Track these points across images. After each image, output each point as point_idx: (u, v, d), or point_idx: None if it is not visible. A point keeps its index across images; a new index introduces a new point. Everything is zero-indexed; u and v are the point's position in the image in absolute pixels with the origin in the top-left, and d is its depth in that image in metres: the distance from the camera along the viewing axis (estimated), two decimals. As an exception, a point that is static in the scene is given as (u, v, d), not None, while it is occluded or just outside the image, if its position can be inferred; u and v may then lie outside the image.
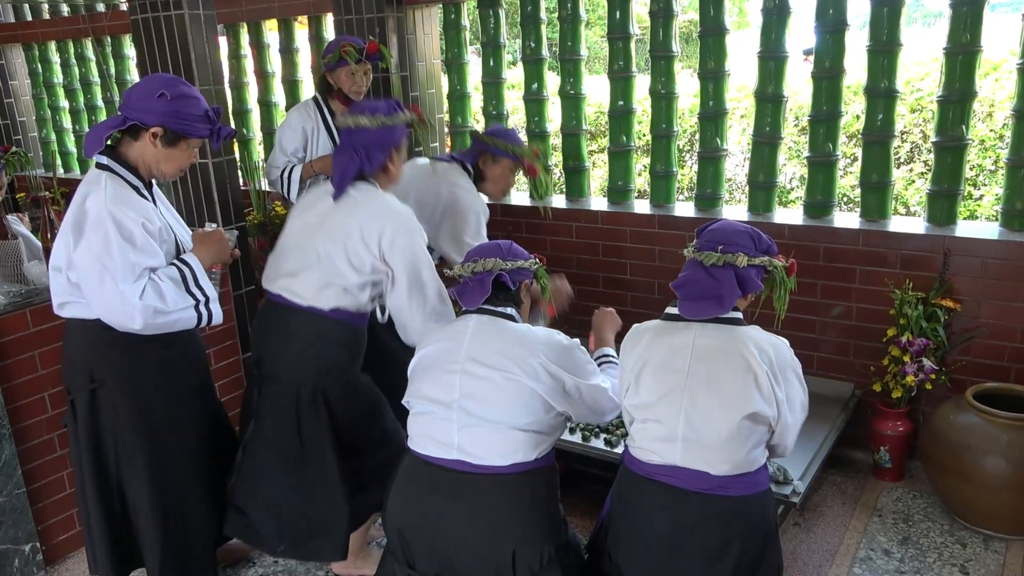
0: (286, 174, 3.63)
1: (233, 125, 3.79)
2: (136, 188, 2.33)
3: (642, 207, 4.08)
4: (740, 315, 2.09)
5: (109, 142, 2.35)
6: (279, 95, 5.29)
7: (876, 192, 3.54)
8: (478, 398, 2.09)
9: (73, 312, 2.38)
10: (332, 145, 3.65)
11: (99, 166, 2.29)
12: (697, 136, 4.00)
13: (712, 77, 3.81)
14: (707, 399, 1.99)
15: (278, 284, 2.63)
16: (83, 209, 2.23)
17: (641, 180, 5.04)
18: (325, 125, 3.69)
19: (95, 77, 6.13)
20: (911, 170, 5.23)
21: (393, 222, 2.52)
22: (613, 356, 2.50)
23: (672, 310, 2.14)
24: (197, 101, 2.32)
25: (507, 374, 2.09)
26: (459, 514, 2.09)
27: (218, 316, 2.44)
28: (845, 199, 5.19)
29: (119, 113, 2.31)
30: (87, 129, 6.28)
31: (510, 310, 2.24)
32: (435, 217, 3.24)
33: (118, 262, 2.19)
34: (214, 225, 2.55)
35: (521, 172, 3.49)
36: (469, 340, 2.16)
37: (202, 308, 2.38)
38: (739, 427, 1.97)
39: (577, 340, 2.25)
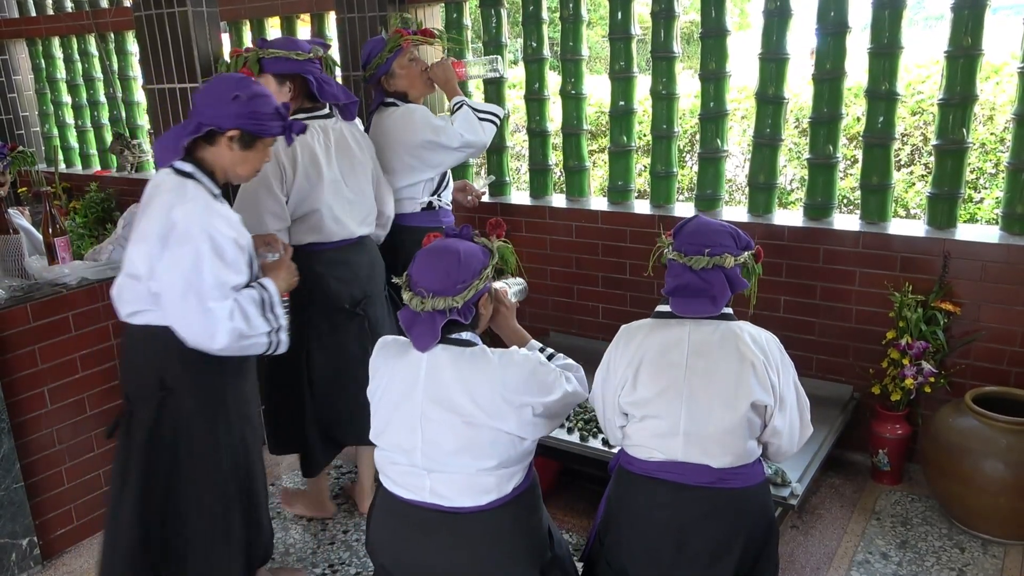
0: None
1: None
2: (216, 196, 2.26)
3: (642, 207, 4.08)
4: (731, 310, 2.13)
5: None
6: (281, 92, 5.29)
7: (876, 194, 3.54)
8: (441, 446, 1.95)
9: (146, 320, 2.29)
10: None
11: (181, 173, 2.21)
12: (698, 137, 4.00)
13: (713, 78, 3.81)
14: (707, 392, 2.01)
15: (350, 230, 3.05)
16: (169, 219, 2.14)
17: (641, 180, 5.04)
18: None
19: (98, 73, 6.13)
20: (911, 173, 5.23)
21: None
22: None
23: (663, 308, 2.16)
24: (268, 99, 2.26)
25: (466, 418, 1.93)
26: (438, 551, 2.01)
27: (285, 345, 2.37)
28: (845, 201, 5.19)
29: (191, 119, 2.22)
30: (89, 124, 6.29)
31: (466, 335, 2.02)
32: (391, 163, 3.31)
33: (208, 280, 2.14)
34: (275, 255, 2.52)
35: (420, 45, 3.40)
36: (424, 378, 1.97)
37: (274, 335, 2.32)
38: (741, 418, 2.01)
39: (537, 355, 2.06)
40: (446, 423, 1.94)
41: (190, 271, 2.13)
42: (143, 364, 2.35)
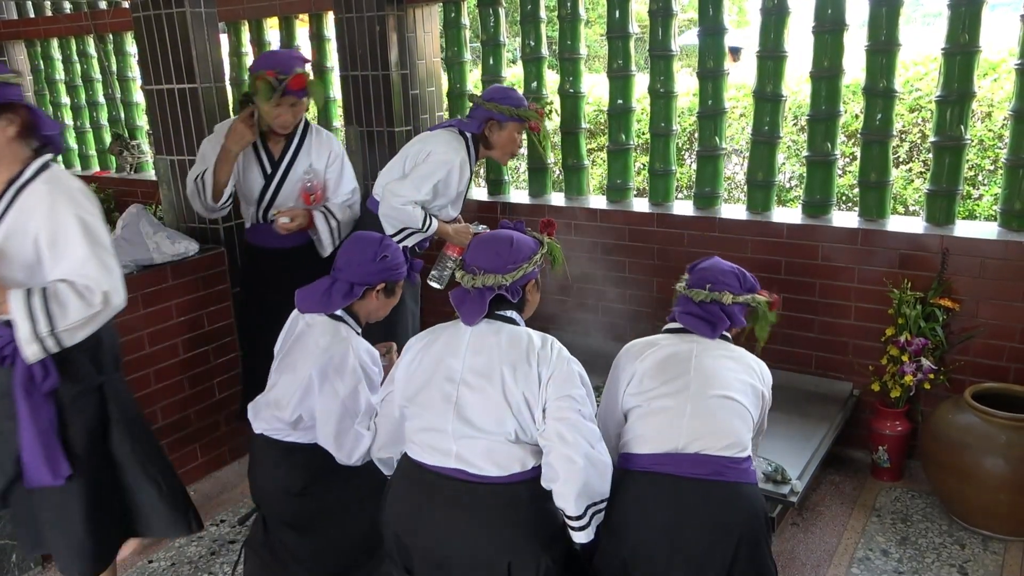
0: (198, 179, 3.28)
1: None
2: (359, 334, 2.48)
3: (641, 205, 4.08)
4: (731, 338, 2.32)
5: None
6: (279, 93, 5.30)
7: (875, 191, 3.55)
8: (475, 409, 2.04)
9: (279, 436, 2.44)
10: (260, 171, 3.32)
11: (335, 317, 2.43)
12: (696, 135, 4.00)
13: (711, 76, 3.81)
14: (712, 382, 2.15)
15: None
16: (327, 354, 2.35)
17: (640, 178, 5.04)
18: (252, 144, 3.27)
19: (97, 74, 6.14)
20: (910, 169, 5.22)
21: None
22: None
23: (673, 325, 2.34)
24: (399, 249, 2.52)
25: (503, 388, 2.02)
26: (455, 523, 2.05)
27: None
28: (844, 198, 5.19)
29: (339, 279, 2.41)
30: (88, 125, 6.30)
31: (511, 313, 2.16)
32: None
33: (362, 408, 2.36)
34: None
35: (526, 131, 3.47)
36: (467, 348, 2.09)
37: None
38: (737, 407, 2.15)
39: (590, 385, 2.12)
40: (481, 390, 2.03)
41: (348, 399, 2.34)
42: (280, 473, 2.48)
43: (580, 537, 2.11)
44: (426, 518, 2.09)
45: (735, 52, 7.37)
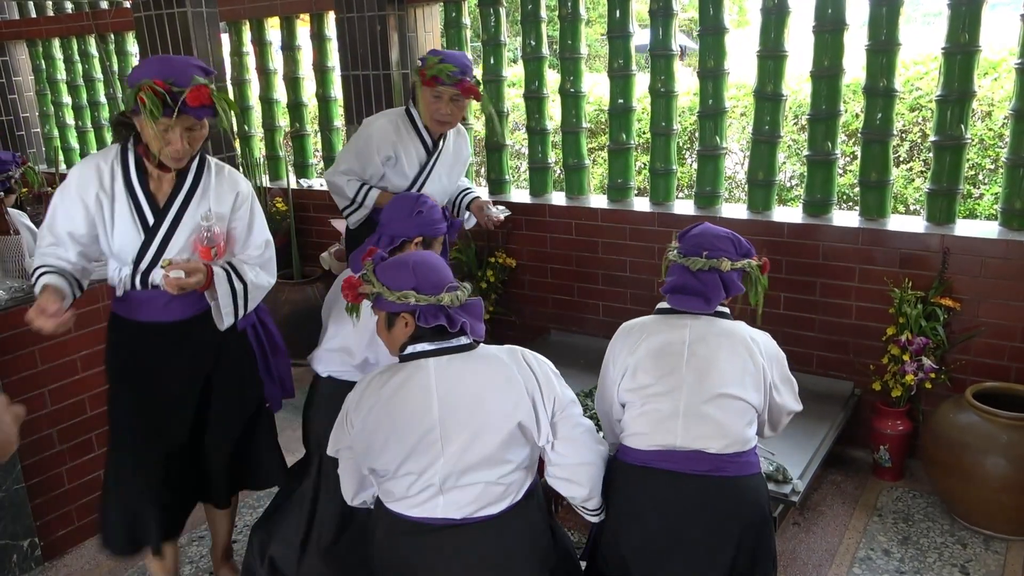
0: (36, 277, 2.35)
1: (234, 122, 3.77)
2: None
3: (642, 205, 4.08)
4: (727, 310, 2.25)
5: None
6: (280, 92, 5.31)
7: (875, 191, 3.55)
8: (463, 462, 1.91)
9: (343, 376, 2.60)
10: (137, 221, 2.38)
11: None
12: (697, 134, 4.01)
13: (711, 76, 3.81)
14: (708, 376, 2.10)
15: None
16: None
17: (641, 178, 5.04)
18: (127, 185, 2.39)
19: (98, 73, 6.15)
20: (910, 169, 5.22)
21: None
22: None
23: (664, 305, 2.27)
24: (437, 207, 2.65)
25: (492, 424, 1.92)
26: (446, 561, 1.98)
27: None
28: (845, 198, 5.19)
29: (380, 233, 2.59)
30: (89, 125, 6.30)
31: (464, 340, 1.99)
32: None
33: None
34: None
35: (468, 97, 3.38)
36: (436, 397, 1.93)
37: None
38: (739, 403, 2.10)
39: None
40: (469, 438, 1.91)
41: None
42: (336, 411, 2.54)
43: (597, 519, 2.19)
44: (415, 560, 2.01)
45: (680, 51, 7.43)
